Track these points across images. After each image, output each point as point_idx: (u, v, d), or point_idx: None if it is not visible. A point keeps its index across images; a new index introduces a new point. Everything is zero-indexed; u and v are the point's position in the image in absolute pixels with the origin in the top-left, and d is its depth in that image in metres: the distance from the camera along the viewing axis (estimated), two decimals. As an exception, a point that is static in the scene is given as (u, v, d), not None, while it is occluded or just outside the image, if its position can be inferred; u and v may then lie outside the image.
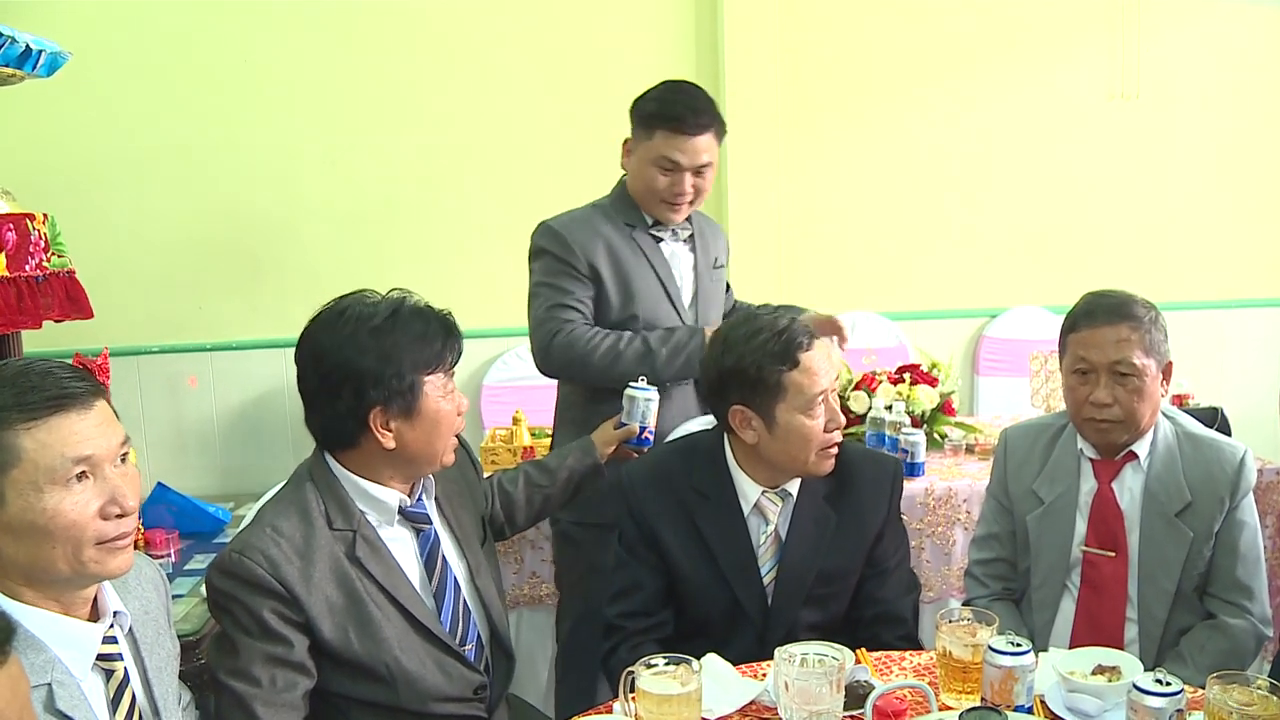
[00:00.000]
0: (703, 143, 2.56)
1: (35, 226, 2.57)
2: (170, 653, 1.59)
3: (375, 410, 1.77)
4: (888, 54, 4.38)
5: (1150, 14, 4.44)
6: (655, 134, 2.55)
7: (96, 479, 1.37)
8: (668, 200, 2.59)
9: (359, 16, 4.05)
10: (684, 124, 2.52)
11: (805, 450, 2.04)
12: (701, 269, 2.74)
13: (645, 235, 2.67)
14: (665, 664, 1.63)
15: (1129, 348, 2.07)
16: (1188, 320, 4.43)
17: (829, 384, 2.03)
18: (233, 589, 1.71)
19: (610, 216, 2.66)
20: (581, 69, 4.15)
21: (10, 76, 2.56)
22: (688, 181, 2.57)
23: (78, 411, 1.35)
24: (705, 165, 2.58)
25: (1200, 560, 2.12)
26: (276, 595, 1.70)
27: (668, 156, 2.54)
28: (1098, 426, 2.12)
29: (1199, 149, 4.59)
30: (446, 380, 1.85)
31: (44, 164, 3.81)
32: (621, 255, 2.62)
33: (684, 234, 2.72)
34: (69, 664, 1.37)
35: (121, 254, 3.97)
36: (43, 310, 2.56)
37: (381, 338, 1.77)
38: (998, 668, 1.65)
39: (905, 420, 3.20)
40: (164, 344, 4.09)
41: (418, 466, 1.86)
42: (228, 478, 4.10)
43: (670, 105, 2.55)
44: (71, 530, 1.33)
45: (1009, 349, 4.49)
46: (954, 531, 3.05)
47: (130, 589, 1.54)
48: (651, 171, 2.57)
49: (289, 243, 4.10)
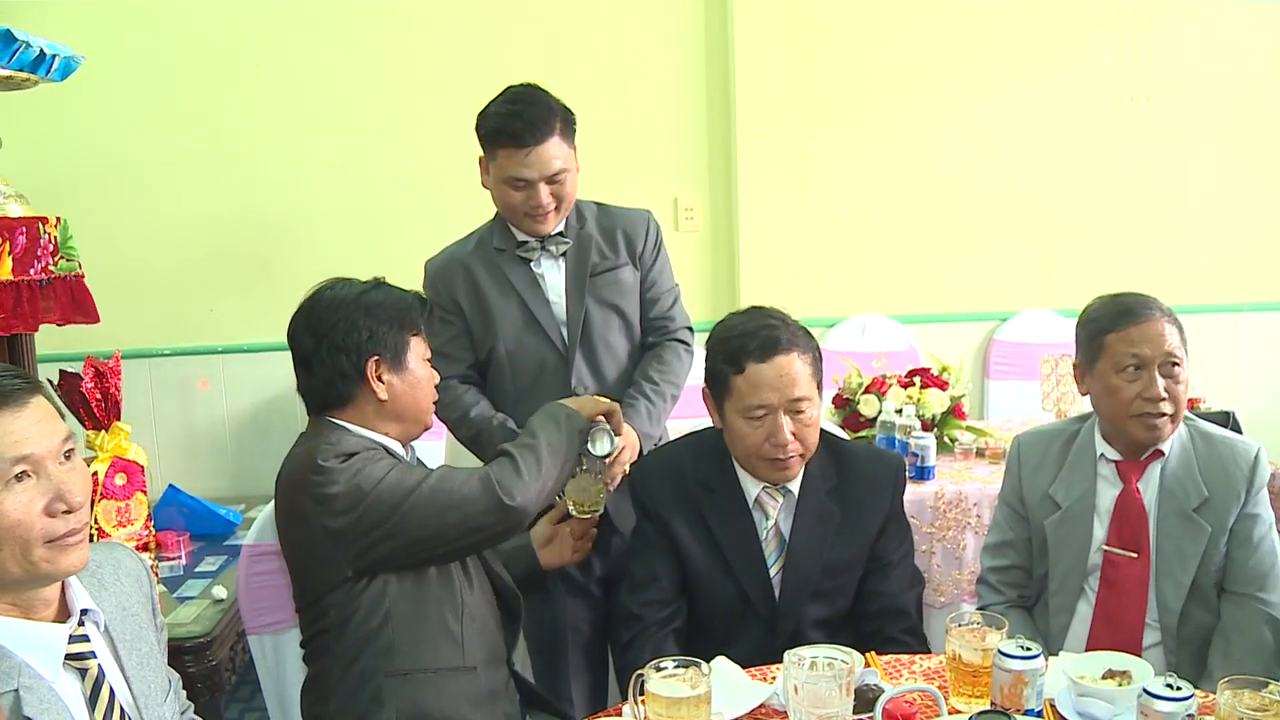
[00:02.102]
0: (549, 150, 2.37)
1: (46, 230, 2.58)
2: (152, 648, 1.57)
3: (372, 360, 1.95)
4: (897, 56, 4.37)
5: (1161, 15, 4.43)
6: (498, 154, 2.39)
7: (39, 477, 1.35)
8: (530, 215, 2.44)
9: (368, 21, 4.06)
10: (522, 139, 2.35)
11: (746, 455, 2.10)
12: (571, 282, 2.52)
13: (512, 259, 2.51)
14: (675, 667, 1.64)
15: (1173, 339, 2.11)
16: (1199, 323, 4.38)
17: (775, 400, 2.03)
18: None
19: (483, 244, 2.54)
20: (591, 73, 4.16)
21: (24, 81, 2.58)
22: (543, 193, 2.39)
23: (10, 410, 1.34)
24: (559, 172, 2.40)
25: (1216, 554, 2.13)
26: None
27: (515, 176, 2.37)
28: (1151, 422, 2.11)
29: (1210, 151, 4.57)
30: (425, 348, 2.04)
31: (57, 167, 3.82)
32: (482, 287, 2.50)
33: (559, 249, 2.52)
34: (37, 667, 1.36)
35: (133, 257, 3.98)
36: (42, 314, 2.58)
37: (374, 297, 1.99)
38: (1007, 671, 1.65)
39: (915, 424, 3.19)
40: (175, 347, 4.11)
41: (405, 425, 2.02)
42: (239, 480, 4.11)
43: (506, 121, 2.37)
44: (17, 530, 1.32)
45: (1020, 352, 4.48)
46: (964, 536, 3.05)
47: (106, 584, 1.53)
48: (504, 190, 2.41)
49: (299, 245, 4.11)
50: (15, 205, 2.57)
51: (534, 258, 2.51)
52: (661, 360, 2.58)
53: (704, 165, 4.30)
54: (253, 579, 2.14)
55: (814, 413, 2.08)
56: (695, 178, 4.31)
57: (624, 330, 2.58)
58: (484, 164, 2.47)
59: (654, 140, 4.23)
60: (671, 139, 4.27)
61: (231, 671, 2.64)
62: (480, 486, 1.92)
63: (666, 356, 2.59)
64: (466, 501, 1.91)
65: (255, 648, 2.17)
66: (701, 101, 4.26)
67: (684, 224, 4.28)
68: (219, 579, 2.77)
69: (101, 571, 1.53)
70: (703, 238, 4.34)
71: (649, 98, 4.20)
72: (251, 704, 3.56)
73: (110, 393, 2.69)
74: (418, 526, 1.87)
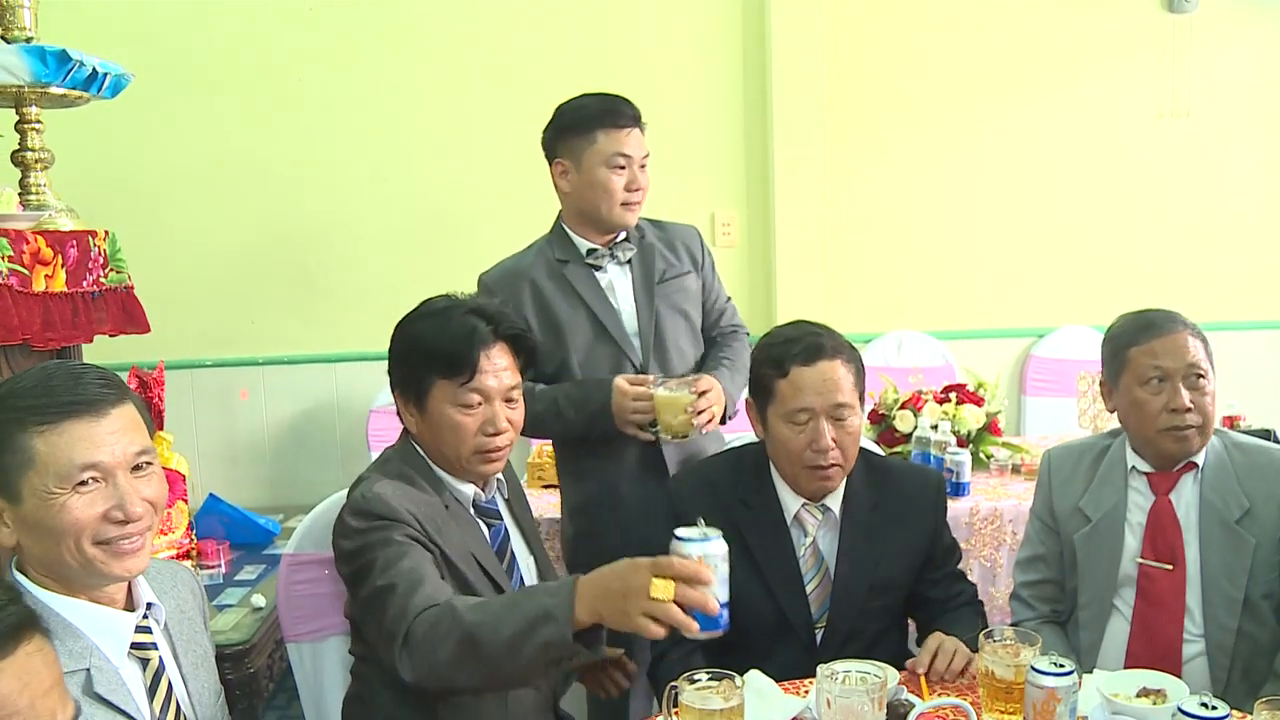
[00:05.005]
0: (640, 136, 2.51)
1: (96, 243, 2.64)
2: (206, 651, 1.65)
3: (397, 391, 1.93)
4: (936, 70, 4.38)
5: (1201, 31, 4.40)
6: (598, 136, 2.45)
7: (107, 484, 1.41)
8: (628, 199, 2.49)
9: (409, 37, 4.12)
10: (624, 118, 2.47)
11: (790, 463, 2.09)
12: (640, 289, 2.57)
13: (579, 268, 2.54)
14: (708, 679, 1.64)
15: (1197, 352, 2.11)
16: (1240, 340, 4.37)
17: (818, 405, 2.04)
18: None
19: (545, 256, 2.56)
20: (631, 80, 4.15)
21: (77, 99, 2.63)
22: (640, 176, 2.49)
23: (91, 417, 1.40)
24: (646, 157, 2.52)
25: (1267, 567, 2.10)
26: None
27: (620, 151, 2.46)
28: (1179, 435, 2.10)
29: (1250, 167, 4.53)
30: (466, 392, 1.85)
31: (106, 182, 3.90)
32: (549, 299, 2.52)
33: (625, 256, 2.57)
34: (105, 651, 1.43)
35: (177, 270, 4.06)
36: (96, 325, 2.62)
37: (417, 329, 1.90)
38: (1040, 688, 1.64)
39: (951, 440, 3.18)
40: (217, 358, 4.17)
41: (446, 461, 1.91)
42: (278, 490, 4.16)
43: (609, 102, 2.50)
44: (73, 528, 1.38)
45: (1057, 369, 4.46)
46: (1000, 553, 3.04)
47: (166, 590, 1.60)
48: (604, 175, 2.46)
49: (340, 258, 4.17)
50: (66, 219, 2.63)
51: (603, 265, 2.55)
52: (728, 345, 2.68)
53: (741, 181, 4.32)
54: (292, 588, 2.17)
55: (856, 422, 2.09)
56: (732, 193, 4.33)
57: (691, 336, 2.64)
58: (565, 162, 2.50)
59: (691, 156, 4.25)
60: (709, 155, 4.29)
61: (269, 679, 2.67)
62: (394, 626, 1.64)
63: (731, 343, 2.69)
64: (383, 624, 1.68)
65: (293, 655, 2.19)
66: (739, 117, 4.29)
67: (721, 239, 4.30)
68: (258, 587, 2.80)
69: (161, 578, 1.61)
70: (740, 253, 4.35)
71: (686, 114, 4.22)
72: (288, 711, 3.60)
73: (154, 403, 2.74)
74: (372, 621, 1.74)
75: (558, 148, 2.52)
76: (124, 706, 1.41)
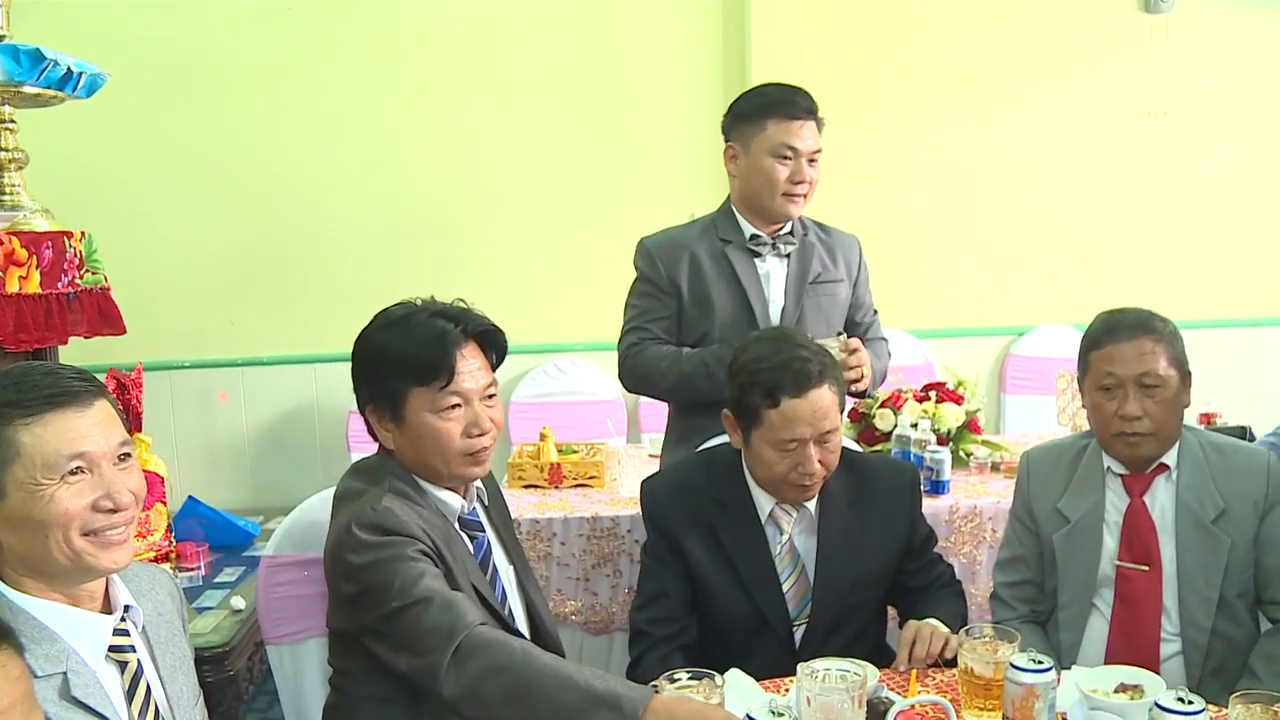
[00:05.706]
0: (814, 129, 2.56)
1: (72, 244, 2.61)
2: (184, 654, 1.63)
3: (369, 408, 1.86)
4: (915, 71, 4.39)
5: (1179, 31, 4.44)
6: (769, 125, 2.52)
7: (93, 474, 1.41)
8: (790, 192, 2.54)
9: (388, 38, 4.11)
10: (798, 108, 2.52)
11: (770, 480, 2.10)
12: (793, 284, 2.65)
13: (740, 252, 2.63)
14: (689, 678, 1.64)
15: (1154, 359, 2.09)
16: (1216, 338, 4.41)
17: (809, 435, 2.02)
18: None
19: (709, 232, 2.65)
20: (609, 82, 4.20)
21: (52, 98, 2.61)
22: (806, 170, 2.54)
23: (75, 409, 1.41)
24: (817, 152, 2.56)
25: (1242, 567, 2.11)
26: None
27: (787, 143, 2.52)
28: (1128, 441, 2.12)
29: (1227, 166, 4.57)
30: (445, 396, 1.81)
31: (83, 182, 3.88)
32: (705, 272, 2.60)
33: (786, 249, 2.65)
34: (82, 654, 1.42)
35: (155, 270, 4.04)
36: (71, 326, 2.61)
37: (380, 339, 1.83)
38: (1019, 685, 1.65)
39: (931, 438, 3.20)
40: (196, 359, 4.15)
41: (431, 471, 1.86)
42: (258, 492, 4.15)
43: (787, 93, 2.55)
44: (61, 519, 1.38)
45: (1036, 367, 4.48)
46: (980, 551, 3.05)
47: (144, 593, 1.59)
48: (769, 163, 2.53)
49: (319, 259, 4.16)
50: (41, 220, 2.60)
51: (763, 253, 2.62)
52: (872, 347, 2.72)
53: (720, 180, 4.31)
54: (272, 590, 2.15)
55: (839, 438, 2.10)
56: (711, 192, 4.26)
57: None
58: (736, 146, 2.59)
59: (671, 155, 4.27)
60: (688, 154, 4.29)
61: (249, 682, 2.65)
62: (435, 640, 1.63)
63: (873, 348, 2.73)
64: (418, 639, 1.66)
65: (273, 658, 2.18)
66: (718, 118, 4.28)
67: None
68: (237, 589, 2.79)
69: (139, 581, 1.60)
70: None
71: (666, 113, 4.23)
72: (269, 714, 3.58)
73: (132, 404, 2.72)
74: (388, 637, 1.71)
75: (731, 131, 2.61)
76: (101, 710, 1.39)
